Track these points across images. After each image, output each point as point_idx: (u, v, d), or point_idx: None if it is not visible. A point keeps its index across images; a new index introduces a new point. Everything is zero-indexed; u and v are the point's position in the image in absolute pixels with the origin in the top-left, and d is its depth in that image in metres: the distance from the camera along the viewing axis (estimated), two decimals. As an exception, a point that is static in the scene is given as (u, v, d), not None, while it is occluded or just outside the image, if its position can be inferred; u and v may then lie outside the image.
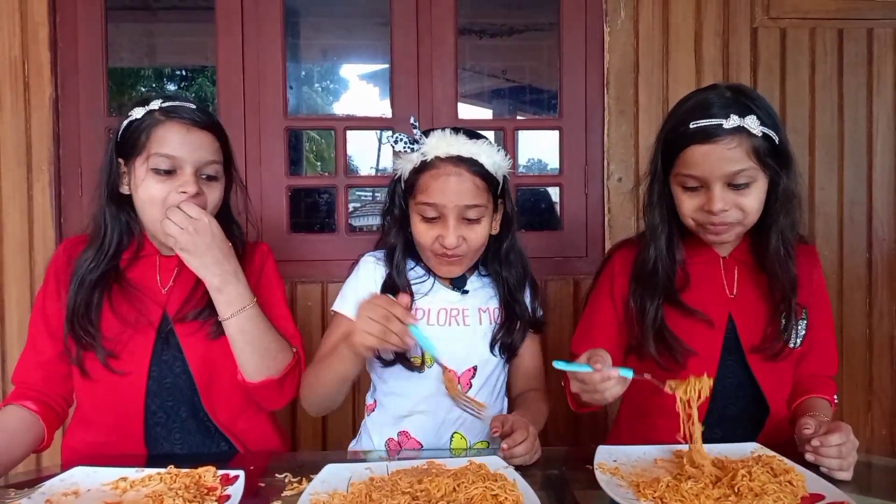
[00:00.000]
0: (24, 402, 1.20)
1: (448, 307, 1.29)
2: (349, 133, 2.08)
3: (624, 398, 1.41)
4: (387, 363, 1.25)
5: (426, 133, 1.23)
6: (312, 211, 3.97)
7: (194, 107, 1.21)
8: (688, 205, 1.17)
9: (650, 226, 1.25)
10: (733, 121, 1.11)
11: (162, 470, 0.99)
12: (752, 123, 1.11)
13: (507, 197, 1.29)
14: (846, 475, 0.98)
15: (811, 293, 1.26)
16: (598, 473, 0.96)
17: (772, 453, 1.00)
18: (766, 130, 1.12)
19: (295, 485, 0.98)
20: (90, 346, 1.19)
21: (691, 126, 1.13)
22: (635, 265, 1.27)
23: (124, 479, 0.97)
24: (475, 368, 1.28)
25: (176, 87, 6.05)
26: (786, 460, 0.96)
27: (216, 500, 0.90)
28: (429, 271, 1.30)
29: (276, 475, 1.02)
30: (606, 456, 1.03)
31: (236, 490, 0.92)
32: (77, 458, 1.14)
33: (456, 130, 1.24)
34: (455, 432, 1.27)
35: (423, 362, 1.25)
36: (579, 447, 1.15)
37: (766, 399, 1.22)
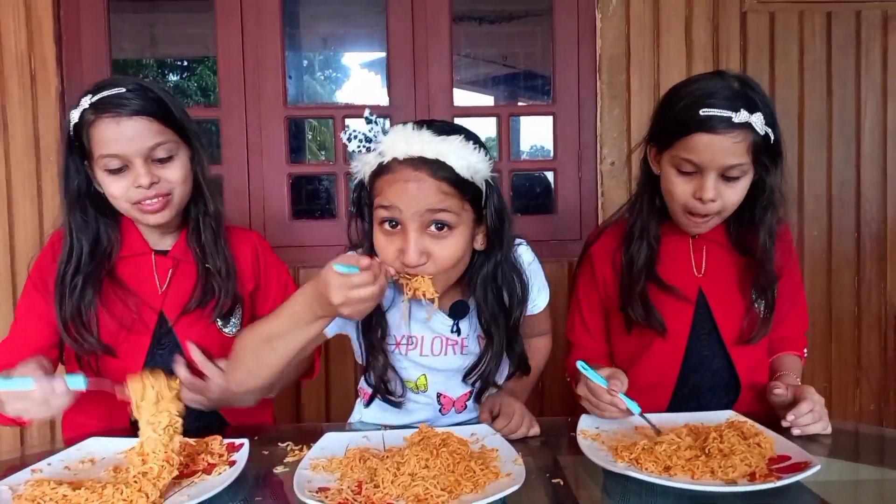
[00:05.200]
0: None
1: (444, 336, 1.19)
2: (348, 121, 2.14)
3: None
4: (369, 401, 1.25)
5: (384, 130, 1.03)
6: (313, 198, 4.04)
7: (123, 90, 1.15)
8: (680, 188, 1.19)
9: (636, 196, 1.31)
10: (743, 116, 1.12)
11: (172, 439, 1.05)
12: (757, 121, 1.13)
13: (492, 206, 1.07)
14: (825, 428, 1.09)
15: (780, 264, 1.29)
16: (579, 439, 1.02)
17: (744, 419, 1.05)
18: (768, 130, 1.15)
19: (296, 452, 1.04)
20: (88, 349, 1.21)
21: (701, 113, 1.13)
22: (626, 234, 1.30)
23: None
24: (471, 392, 1.23)
25: (178, 78, 6.10)
26: (756, 425, 1.02)
27: (227, 464, 0.96)
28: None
29: (279, 444, 1.09)
30: (589, 424, 1.10)
31: (241, 456, 0.98)
32: (77, 436, 1.15)
33: (422, 124, 1.03)
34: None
35: (402, 395, 1.20)
36: (565, 417, 1.21)
37: (737, 373, 1.28)
